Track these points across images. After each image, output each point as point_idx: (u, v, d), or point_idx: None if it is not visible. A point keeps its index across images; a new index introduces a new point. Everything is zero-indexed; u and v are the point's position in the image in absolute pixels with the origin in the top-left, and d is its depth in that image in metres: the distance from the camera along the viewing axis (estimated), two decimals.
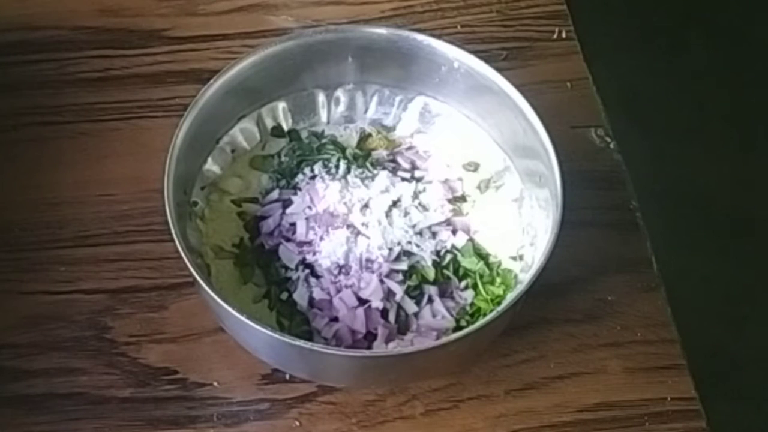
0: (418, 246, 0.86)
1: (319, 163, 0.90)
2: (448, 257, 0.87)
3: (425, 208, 0.88)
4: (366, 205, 0.87)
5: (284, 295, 0.85)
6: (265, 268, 0.86)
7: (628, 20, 2.09)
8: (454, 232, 0.88)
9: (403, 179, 0.90)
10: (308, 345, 0.75)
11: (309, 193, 0.87)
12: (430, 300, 0.85)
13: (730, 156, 1.94)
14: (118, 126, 0.99)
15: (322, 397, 0.86)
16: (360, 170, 0.90)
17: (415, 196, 0.89)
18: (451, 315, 0.85)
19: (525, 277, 0.82)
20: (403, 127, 0.95)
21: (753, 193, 1.91)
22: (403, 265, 0.85)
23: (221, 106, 0.87)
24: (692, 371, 0.89)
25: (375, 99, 0.94)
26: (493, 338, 0.84)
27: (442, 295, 0.85)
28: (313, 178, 0.89)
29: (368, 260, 0.84)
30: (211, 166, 0.90)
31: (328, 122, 0.95)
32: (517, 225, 0.89)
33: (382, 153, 0.93)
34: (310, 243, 0.85)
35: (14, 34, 1.03)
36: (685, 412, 0.87)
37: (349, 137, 0.94)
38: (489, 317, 0.77)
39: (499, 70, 0.87)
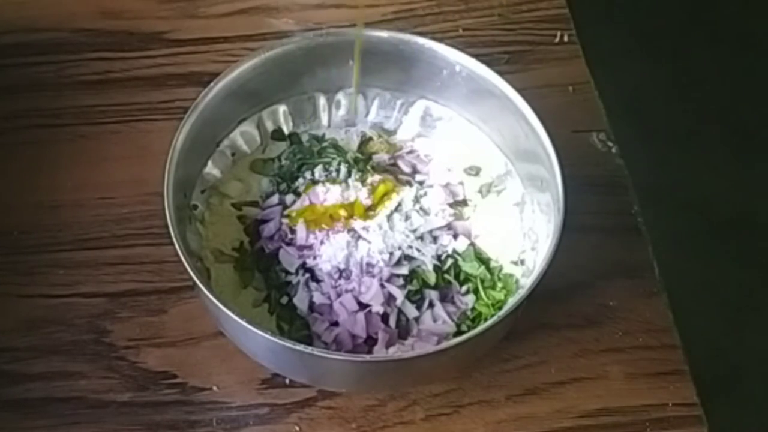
0: (419, 250, 0.85)
1: (320, 167, 0.90)
2: (449, 262, 0.86)
3: (426, 213, 0.88)
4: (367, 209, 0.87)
5: (284, 300, 0.85)
6: (265, 272, 0.86)
7: (631, 24, 2.09)
8: (455, 236, 0.88)
9: (404, 183, 0.90)
10: (308, 349, 0.75)
11: (309, 196, 0.87)
12: (431, 304, 0.85)
13: (732, 161, 1.94)
14: (118, 129, 0.99)
15: (322, 402, 0.86)
16: (361, 174, 0.89)
17: (416, 200, 0.89)
18: (452, 320, 0.84)
19: (526, 282, 0.81)
20: (404, 130, 0.94)
21: (755, 199, 1.90)
22: (404, 270, 0.84)
23: (221, 109, 0.87)
24: (694, 377, 0.88)
25: (376, 102, 0.94)
26: (494, 343, 0.84)
27: (443, 299, 0.85)
28: (313, 181, 0.89)
29: (369, 264, 0.84)
30: (212, 169, 0.90)
31: (329, 126, 0.94)
32: (518, 229, 0.89)
33: (383, 157, 0.92)
34: (310, 247, 0.85)
35: (13, 36, 1.03)
36: (686, 418, 0.86)
37: (350, 141, 0.94)
38: (490, 322, 0.77)
39: (500, 73, 0.87)
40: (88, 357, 0.87)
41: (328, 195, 0.87)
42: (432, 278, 0.85)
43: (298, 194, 0.89)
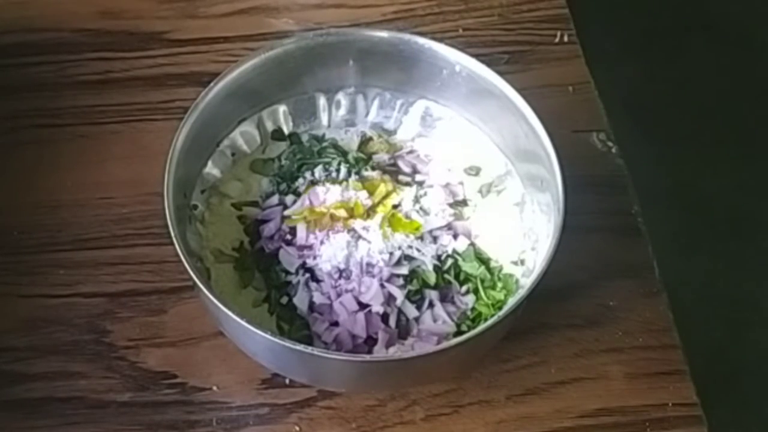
0: (419, 250, 0.85)
1: (320, 167, 0.90)
2: (449, 262, 0.86)
3: (426, 213, 0.88)
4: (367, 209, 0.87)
5: (284, 300, 0.85)
6: (265, 272, 0.86)
7: (631, 24, 2.09)
8: (455, 236, 0.88)
9: (404, 183, 0.90)
10: (308, 349, 0.75)
11: (309, 196, 0.87)
12: (431, 305, 0.85)
13: (732, 160, 1.94)
14: (118, 129, 0.99)
15: (322, 401, 0.86)
16: (360, 174, 0.89)
17: (416, 200, 0.89)
18: (452, 320, 0.84)
19: (526, 282, 0.81)
20: (405, 130, 0.94)
21: (755, 198, 1.90)
22: (404, 270, 0.84)
23: (222, 109, 0.87)
24: (694, 377, 0.88)
25: (376, 102, 0.94)
26: (494, 343, 0.84)
27: (443, 299, 0.85)
28: (313, 182, 0.89)
29: (369, 264, 0.84)
30: (212, 169, 0.90)
31: (329, 126, 0.94)
32: (518, 229, 0.89)
33: (383, 157, 0.92)
34: (310, 247, 0.85)
35: (14, 36, 1.03)
36: (686, 418, 0.86)
37: (350, 141, 0.94)
38: (490, 322, 0.77)
39: (500, 73, 0.87)
40: (88, 357, 0.87)
41: (328, 195, 0.87)
42: (432, 278, 0.85)
43: (298, 194, 0.89)
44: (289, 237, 0.86)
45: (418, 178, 0.92)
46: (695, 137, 1.95)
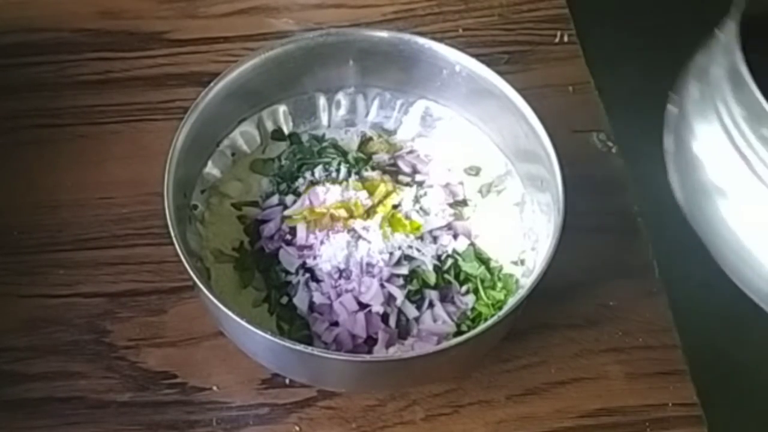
0: (419, 250, 0.85)
1: (320, 167, 0.90)
2: (449, 262, 0.86)
3: (426, 213, 0.88)
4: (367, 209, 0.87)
5: (284, 300, 0.85)
6: (265, 272, 0.86)
7: (631, 24, 2.08)
8: (455, 236, 0.88)
9: (405, 183, 0.90)
10: (308, 349, 0.75)
11: (309, 196, 0.87)
12: (431, 305, 0.85)
13: None
14: (118, 129, 0.99)
15: (321, 401, 0.86)
16: (360, 174, 0.89)
17: (416, 200, 0.89)
18: (452, 320, 0.84)
19: (526, 282, 0.81)
20: (405, 130, 0.94)
21: None
22: (404, 270, 0.84)
23: (222, 109, 0.87)
24: (694, 377, 0.88)
25: (376, 102, 0.94)
26: (494, 343, 0.84)
27: (443, 299, 0.85)
28: (313, 182, 0.89)
29: (369, 264, 0.84)
30: (212, 169, 0.90)
31: (329, 126, 0.94)
32: (518, 229, 0.89)
33: (383, 157, 0.92)
34: (310, 247, 0.85)
35: (13, 36, 1.03)
36: (686, 418, 0.86)
37: (350, 141, 0.94)
38: (490, 322, 0.77)
39: (500, 73, 0.87)
40: (88, 357, 0.87)
41: (328, 195, 0.87)
42: (432, 278, 0.85)
43: (298, 194, 0.89)
44: (289, 237, 0.86)
45: (418, 178, 0.92)
46: None
